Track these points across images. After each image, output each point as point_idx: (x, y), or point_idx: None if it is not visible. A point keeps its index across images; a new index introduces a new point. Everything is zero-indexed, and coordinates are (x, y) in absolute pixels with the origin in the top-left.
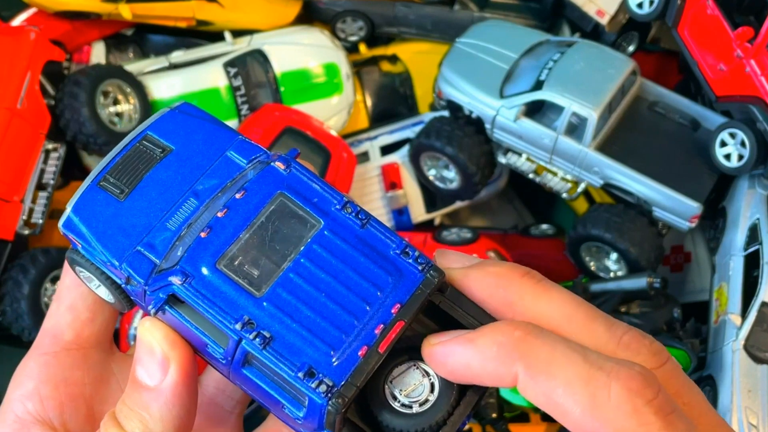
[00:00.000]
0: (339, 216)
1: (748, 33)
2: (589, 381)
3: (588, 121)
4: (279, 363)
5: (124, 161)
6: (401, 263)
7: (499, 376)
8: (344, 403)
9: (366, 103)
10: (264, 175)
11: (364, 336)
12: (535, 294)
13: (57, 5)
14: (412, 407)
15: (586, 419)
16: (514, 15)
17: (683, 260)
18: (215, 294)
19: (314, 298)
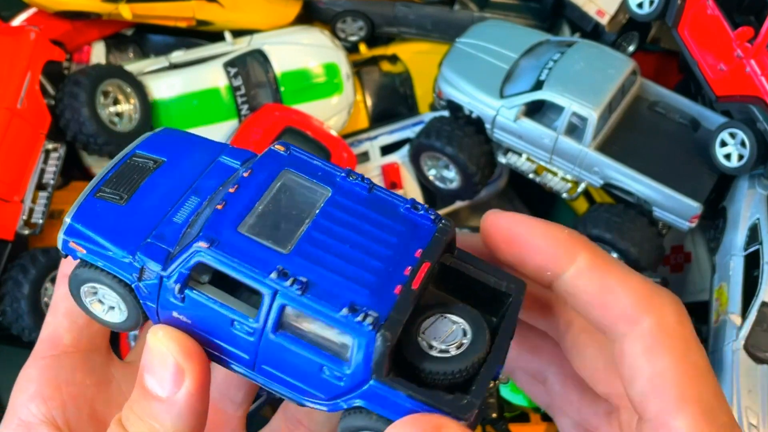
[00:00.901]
0: (345, 183)
1: (748, 33)
2: (645, 284)
3: (588, 121)
4: (320, 305)
5: (117, 175)
6: (413, 216)
7: (555, 257)
8: (393, 335)
9: (366, 103)
10: (266, 157)
11: (395, 277)
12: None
13: (57, 5)
14: (449, 351)
15: (637, 311)
16: (514, 15)
17: (683, 260)
18: (243, 253)
19: (339, 249)
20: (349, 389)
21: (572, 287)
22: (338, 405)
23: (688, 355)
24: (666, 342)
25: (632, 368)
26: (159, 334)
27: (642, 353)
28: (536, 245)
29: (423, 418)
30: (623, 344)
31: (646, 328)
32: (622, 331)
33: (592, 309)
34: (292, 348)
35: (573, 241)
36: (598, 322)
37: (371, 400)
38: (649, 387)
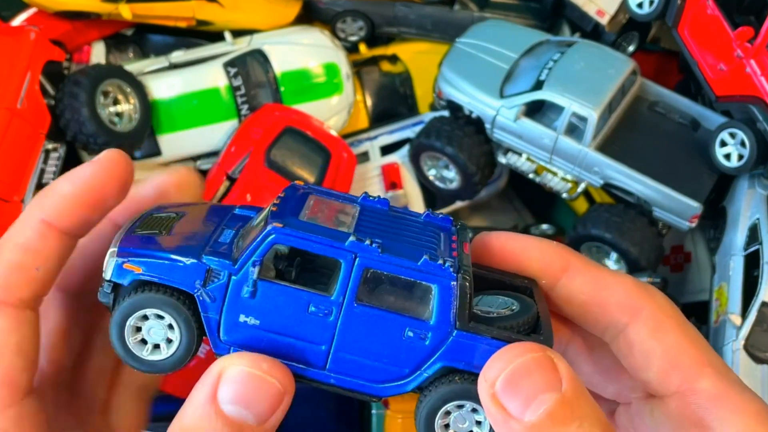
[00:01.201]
0: (367, 201)
1: (748, 33)
2: (634, 279)
3: (588, 121)
4: (401, 259)
5: (144, 224)
6: (434, 219)
7: (550, 265)
8: (471, 278)
9: (366, 103)
10: (290, 188)
11: (447, 247)
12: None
13: (57, 5)
14: (505, 313)
15: (635, 300)
16: (514, 15)
17: (683, 260)
18: (315, 230)
19: (392, 231)
20: (433, 348)
21: (569, 290)
22: (421, 376)
23: (687, 331)
24: (667, 322)
25: (644, 352)
26: (242, 362)
27: (650, 335)
28: (531, 257)
29: (519, 345)
30: (628, 333)
31: (647, 314)
32: (624, 321)
33: (590, 308)
34: (374, 317)
35: (562, 250)
36: (596, 320)
37: (456, 356)
38: (666, 362)
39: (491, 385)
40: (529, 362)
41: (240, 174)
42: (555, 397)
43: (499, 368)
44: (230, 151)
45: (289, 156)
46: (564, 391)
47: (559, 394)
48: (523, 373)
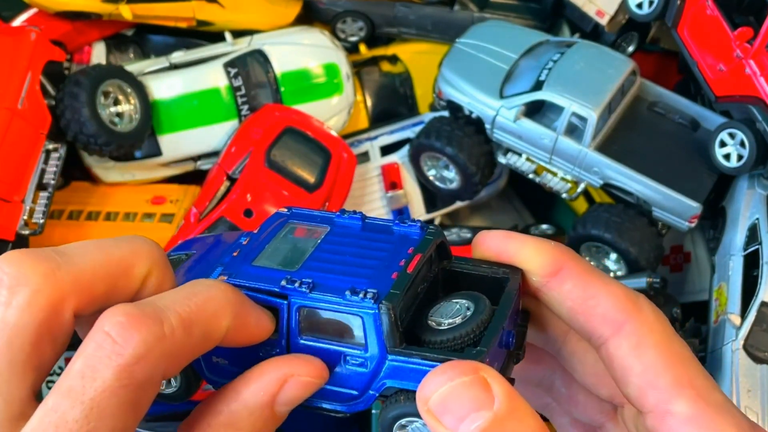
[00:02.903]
0: (341, 219)
1: (747, 33)
2: (624, 289)
3: (588, 121)
4: (326, 296)
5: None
6: (402, 228)
7: (543, 265)
8: (393, 305)
9: (366, 103)
10: (272, 217)
11: (391, 268)
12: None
13: (57, 5)
14: (455, 323)
15: (619, 314)
16: (514, 15)
17: (683, 260)
18: (258, 277)
19: (340, 260)
20: (373, 373)
21: (557, 294)
22: (370, 396)
23: (671, 347)
24: (649, 338)
25: (623, 368)
26: (317, 372)
27: (629, 352)
28: (523, 257)
29: (450, 366)
30: (609, 347)
31: (630, 329)
32: (606, 334)
33: (575, 315)
34: (317, 348)
35: (558, 251)
36: (582, 327)
37: (396, 377)
38: (643, 381)
39: (425, 403)
40: (461, 385)
41: (240, 174)
42: (486, 416)
43: (431, 389)
44: (230, 151)
45: (289, 156)
46: (496, 409)
47: (491, 413)
48: (454, 394)
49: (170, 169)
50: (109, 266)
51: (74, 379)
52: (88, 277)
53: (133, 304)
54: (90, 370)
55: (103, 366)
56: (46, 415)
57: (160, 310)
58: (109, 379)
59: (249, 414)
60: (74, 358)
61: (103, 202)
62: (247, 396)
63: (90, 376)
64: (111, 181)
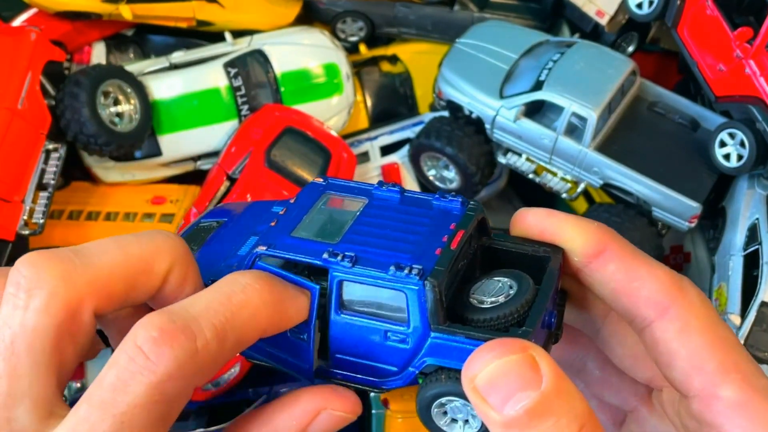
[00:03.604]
0: (379, 191)
1: (747, 33)
2: (669, 272)
3: (588, 121)
4: (369, 271)
5: (187, 237)
6: (443, 203)
7: (585, 245)
8: (438, 282)
9: (366, 103)
10: (308, 187)
11: (433, 244)
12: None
13: (57, 5)
14: (499, 301)
15: (665, 297)
16: (514, 15)
17: (683, 260)
18: (297, 248)
19: (381, 234)
20: (415, 349)
21: (601, 275)
22: (410, 373)
23: (717, 332)
24: (695, 322)
25: (668, 352)
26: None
27: (675, 336)
28: (566, 236)
29: (498, 344)
30: (653, 330)
31: (675, 313)
32: (650, 317)
33: (619, 296)
34: (356, 323)
35: (601, 231)
36: (626, 309)
37: (438, 355)
38: (688, 365)
39: (471, 381)
40: (509, 363)
41: (240, 174)
42: (534, 395)
43: (477, 367)
44: (230, 152)
45: (289, 156)
46: (543, 389)
47: (538, 392)
48: (502, 373)
49: (170, 169)
50: (127, 264)
51: (106, 391)
52: (106, 276)
53: (166, 316)
54: (122, 384)
55: (135, 381)
56: (78, 424)
57: (194, 322)
58: (140, 395)
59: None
60: (106, 367)
61: (103, 202)
62: (279, 424)
63: (122, 389)
64: (111, 181)
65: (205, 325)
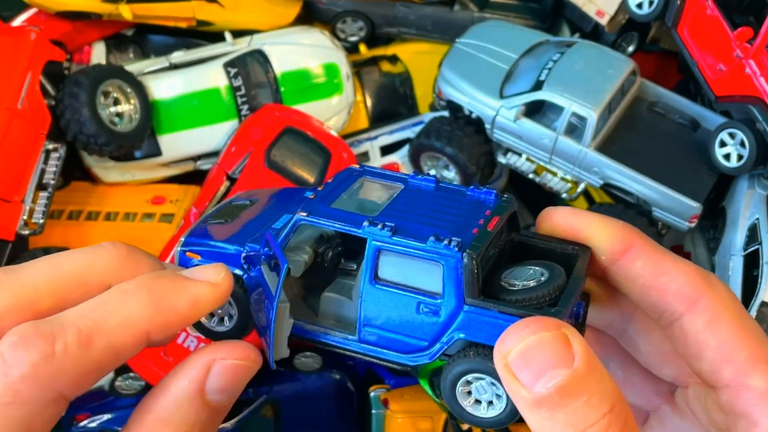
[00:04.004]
0: (415, 179)
1: (747, 33)
2: (695, 267)
3: (588, 121)
4: (409, 241)
5: (219, 212)
6: (477, 194)
7: (612, 243)
8: (477, 254)
9: (366, 103)
10: (345, 170)
11: (471, 224)
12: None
13: (57, 5)
14: (530, 285)
15: (694, 290)
16: (514, 15)
17: None
18: (337, 217)
19: (419, 212)
20: (446, 323)
21: (628, 272)
22: (438, 349)
23: (745, 324)
24: (724, 314)
25: (698, 343)
26: (245, 355)
27: (704, 328)
28: (592, 234)
29: (534, 320)
30: (683, 323)
31: (704, 305)
32: (680, 310)
33: (648, 292)
34: (390, 294)
35: (626, 230)
36: (653, 304)
37: (469, 329)
38: (718, 356)
39: (504, 356)
40: (543, 339)
41: (240, 174)
42: (566, 373)
43: (512, 342)
44: (230, 151)
45: (289, 156)
46: (575, 367)
47: (570, 370)
48: (536, 349)
49: (170, 169)
50: (57, 279)
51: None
52: (30, 293)
53: (33, 323)
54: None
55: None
56: None
57: (59, 327)
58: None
59: (177, 407)
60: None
61: (103, 202)
62: (174, 389)
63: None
64: (111, 181)
65: (69, 329)
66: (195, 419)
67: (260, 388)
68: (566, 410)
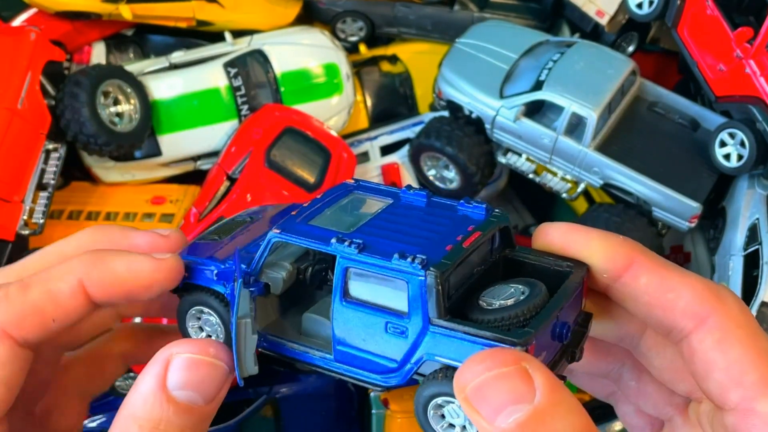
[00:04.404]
0: (406, 194)
1: (747, 33)
2: (704, 282)
3: (588, 121)
4: (374, 258)
5: (218, 228)
6: (467, 208)
7: (613, 260)
8: (441, 272)
9: (366, 103)
10: (338, 186)
11: (446, 241)
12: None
13: (57, 5)
14: (506, 304)
15: (702, 307)
16: (514, 15)
17: (683, 260)
18: (309, 234)
19: (396, 229)
20: (414, 342)
21: (633, 289)
22: (409, 370)
23: (757, 343)
24: (735, 333)
25: (705, 362)
26: (201, 348)
27: (714, 346)
28: (592, 252)
29: (492, 354)
30: (691, 341)
31: (714, 323)
32: (688, 328)
33: (654, 309)
34: (359, 312)
35: (626, 245)
36: (660, 322)
37: (435, 350)
38: (726, 377)
39: (462, 390)
40: (499, 375)
41: (240, 174)
42: (526, 408)
43: (469, 377)
44: (230, 151)
45: (289, 156)
46: (536, 402)
47: (531, 406)
48: (492, 385)
49: (170, 169)
50: (41, 258)
51: None
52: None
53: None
54: None
55: None
56: None
57: (6, 280)
58: None
59: (144, 403)
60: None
61: (103, 202)
62: (141, 386)
63: None
64: (111, 181)
65: (14, 281)
66: (161, 415)
67: (260, 388)
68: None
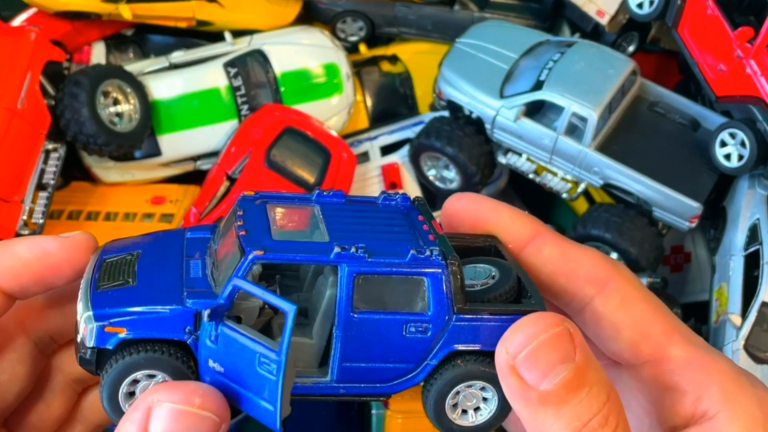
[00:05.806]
0: (322, 197)
1: (748, 33)
2: (599, 253)
3: (588, 121)
4: (388, 259)
5: (104, 274)
6: (389, 202)
7: (520, 232)
8: (459, 260)
9: (366, 103)
10: (243, 200)
11: (423, 233)
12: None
13: (57, 5)
14: (489, 283)
15: (603, 273)
16: (514, 15)
17: (683, 260)
18: (298, 249)
19: (363, 229)
20: (435, 338)
21: (537, 259)
22: (428, 366)
23: (653, 301)
24: (634, 294)
25: (613, 323)
26: (185, 398)
27: (618, 307)
28: (499, 222)
29: (538, 318)
30: (595, 305)
31: (614, 286)
32: (591, 293)
33: (557, 278)
34: (373, 322)
35: (532, 219)
36: (564, 289)
37: (459, 339)
38: (635, 333)
39: (512, 358)
40: (552, 337)
41: (240, 174)
42: (569, 368)
43: (520, 342)
44: (230, 151)
45: (289, 156)
46: (577, 361)
47: (573, 365)
48: (545, 347)
49: (170, 169)
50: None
51: None
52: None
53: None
54: None
55: None
56: None
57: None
58: None
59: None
60: None
61: (103, 202)
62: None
63: None
64: (111, 181)
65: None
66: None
67: None
68: (571, 404)
